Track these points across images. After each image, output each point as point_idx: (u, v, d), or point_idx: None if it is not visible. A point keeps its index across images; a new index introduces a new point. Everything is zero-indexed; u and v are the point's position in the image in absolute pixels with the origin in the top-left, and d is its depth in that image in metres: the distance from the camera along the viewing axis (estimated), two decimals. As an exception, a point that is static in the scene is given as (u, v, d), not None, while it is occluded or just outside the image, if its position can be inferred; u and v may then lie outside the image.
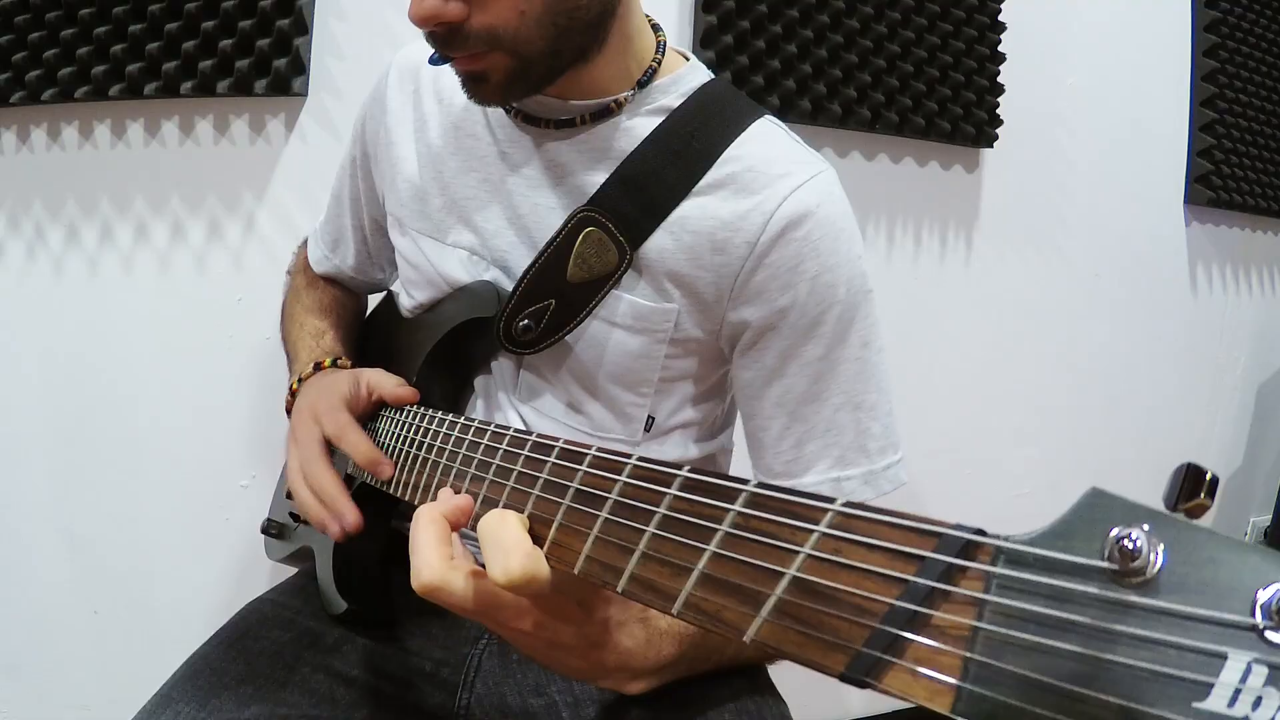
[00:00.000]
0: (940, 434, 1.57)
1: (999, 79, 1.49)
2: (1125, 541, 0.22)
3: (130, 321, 1.17)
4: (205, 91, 1.10)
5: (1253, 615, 0.19)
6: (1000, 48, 1.49)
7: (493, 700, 0.68)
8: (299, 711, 0.63)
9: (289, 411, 0.75)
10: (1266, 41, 1.81)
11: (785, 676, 0.69)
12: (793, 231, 0.64)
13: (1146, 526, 0.22)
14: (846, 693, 1.58)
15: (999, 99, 1.50)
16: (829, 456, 0.68)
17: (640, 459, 0.38)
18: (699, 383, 0.73)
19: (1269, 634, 0.19)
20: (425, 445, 0.59)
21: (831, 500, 0.29)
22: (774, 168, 0.66)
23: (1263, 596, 0.19)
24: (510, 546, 0.39)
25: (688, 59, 0.72)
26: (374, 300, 0.95)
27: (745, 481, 0.33)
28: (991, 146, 1.52)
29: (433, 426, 0.59)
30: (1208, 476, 0.23)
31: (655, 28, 0.71)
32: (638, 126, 0.67)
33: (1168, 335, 1.82)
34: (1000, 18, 1.48)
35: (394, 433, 0.66)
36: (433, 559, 0.42)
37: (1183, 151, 1.77)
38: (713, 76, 0.71)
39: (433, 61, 0.63)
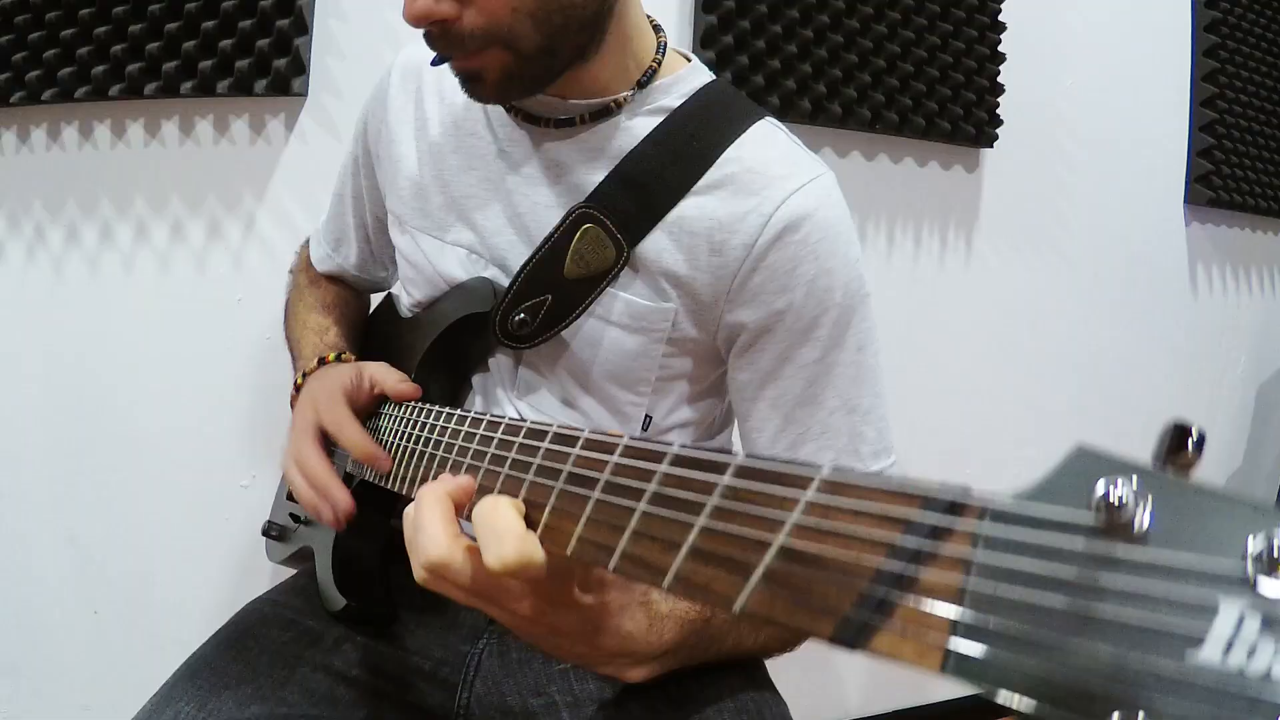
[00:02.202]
0: (940, 434, 1.57)
1: (999, 79, 1.49)
2: (1111, 495, 0.21)
3: (130, 322, 1.17)
4: (205, 91, 1.10)
5: (1244, 565, 0.19)
6: (1000, 48, 1.49)
7: (492, 700, 0.68)
8: (299, 711, 0.63)
9: (293, 406, 0.75)
10: (1266, 41, 1.81)
11: (785, 676, 0.69)
12: (790, 234, 0.64)
13: (1134, 481, 0.22)
14: (846, 693, 1.58)
15: (999, 99, 1.50)
16: (822, 460, 0.67)
17: (632, 438, 0.38)
18: (696, 382, 0.73)
19: (1260, 583, 0.19)
20: (424, 439, 0.59)
21: (818, 467, 0.29)
22: (773, 169, 0.66)
23: (1253, 546, 0.19)
24: (503, 531, 0.39)
25: (689, 59, 0.72)
26: (374, 300, 0.95)
27: (734, 454, 0.33)
28: (991, 146, 1.52)
29: (430, 420, 0.59)
30: (1193, 432, 0.22)
31: (656, 28, 0.71)
32: (637, 126, 0.68)
33: (1168, 335, 1.82)
34: (1000, 18, 1.48)
35: (394, 429, 0.66)
36: (440, 534, 0.41)
37: (1183, 151, 1.77)
38: (714, 78, 0.71)
39: (433, 63, 0.63)
